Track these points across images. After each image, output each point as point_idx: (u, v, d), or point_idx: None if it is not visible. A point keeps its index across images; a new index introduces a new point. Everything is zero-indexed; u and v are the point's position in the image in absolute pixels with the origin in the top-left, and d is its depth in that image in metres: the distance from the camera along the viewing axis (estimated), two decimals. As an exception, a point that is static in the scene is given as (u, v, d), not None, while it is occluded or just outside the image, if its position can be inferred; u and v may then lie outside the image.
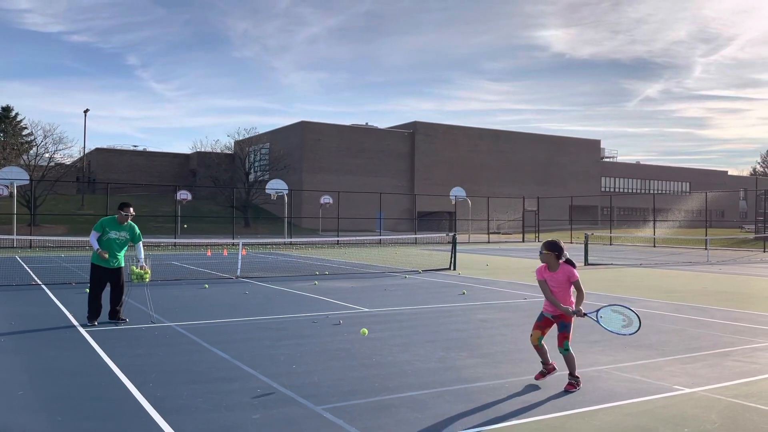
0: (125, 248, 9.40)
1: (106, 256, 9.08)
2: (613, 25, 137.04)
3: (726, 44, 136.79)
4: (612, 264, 22.50)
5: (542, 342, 6.04)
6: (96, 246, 9.12)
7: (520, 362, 6.92)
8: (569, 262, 5.99)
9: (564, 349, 5.90)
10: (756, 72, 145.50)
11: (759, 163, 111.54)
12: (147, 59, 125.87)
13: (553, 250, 5.95)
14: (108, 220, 9.29)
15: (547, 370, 6.10)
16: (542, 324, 6.09)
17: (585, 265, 21.55)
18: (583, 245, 23.35)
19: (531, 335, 6.10)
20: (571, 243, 39.70)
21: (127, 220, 9.32)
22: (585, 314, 5.98)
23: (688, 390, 5.84)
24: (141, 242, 9.56)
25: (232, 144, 61.43)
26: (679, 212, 54.05)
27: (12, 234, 30.83)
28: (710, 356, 7.31)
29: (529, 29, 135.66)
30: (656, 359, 7.12)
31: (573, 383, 5.83)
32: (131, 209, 9.37)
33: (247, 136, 58.84)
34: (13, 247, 29.65)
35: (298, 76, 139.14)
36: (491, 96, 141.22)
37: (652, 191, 77.51)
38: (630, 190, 79.60)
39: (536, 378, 6.10)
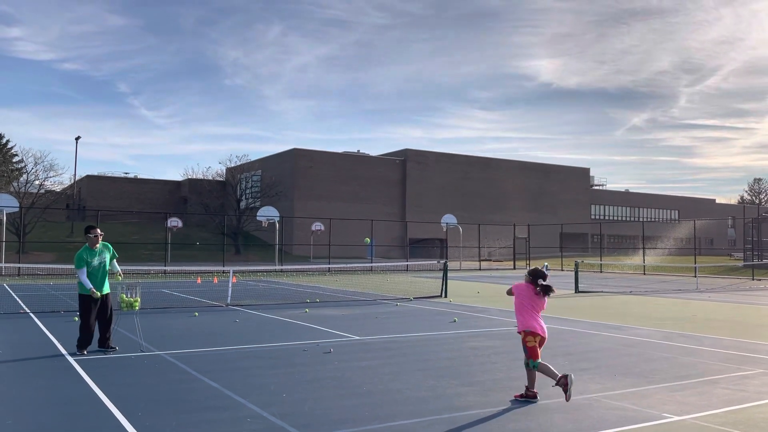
0: (107, 272, 9.36)
1: (98, 295, 9.05)
2: (598, 56, 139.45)
3: (710, 75, 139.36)
4: (602, 291, 22.58)
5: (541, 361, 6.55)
6: (89, 285, 9.03)
7: (510, 390, 6.93)
8: (545, 288, 6.61)
9: (532, 366, 6.51)
10: (740, 102, 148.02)
11: (746, 191, 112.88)
12: (138, 87, 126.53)
13: (528, 274, 6.78)
14: (84, 251, 9.17)
15: (560, 383, 6.18)
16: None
17: (575, 292, 21.62)
18: (573, 273, 23.43)
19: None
20: (562, 270, 39.81)
21: (98, 242, 9.28)
22: None
23: (677, 418, 5.87)
24: (115, 259, 9.60)
25: (224, 171, 61.54)
26: (668, 240, 54.43)
27: (0, 262, 30.57)
28: (699, 384, 7.35)
29: (517, 59, 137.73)
30: (645, 387, 7.15)
31: (524, 395, 6.49)
32: (98, 229, 9.35)
33: (238, 163, 59.00)
34: (1, 275, 29.39)
35: (288, 103, 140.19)
36: (480, 124, 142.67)
37: (641, 219, 78.09)
38: (619, 218, 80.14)
39: (565, 396, 6.18)
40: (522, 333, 6.61)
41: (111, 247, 9.51)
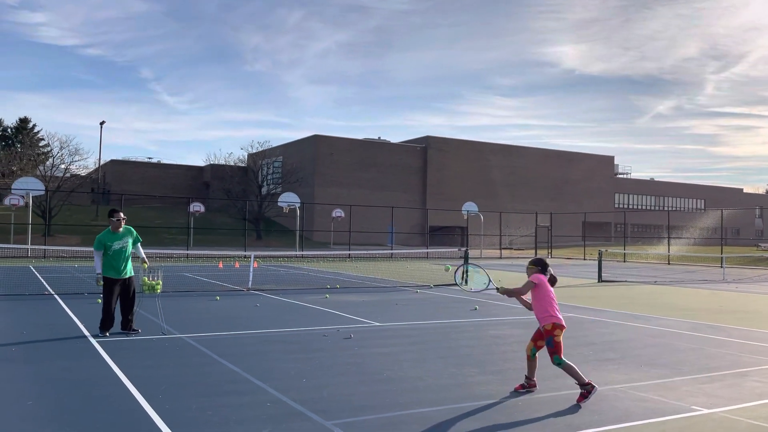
0: (129, 256, 9.37)
1: (101, 284, 9.06)
2: (623, 42, 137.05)
3: (737, 62, 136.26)
4: (626, 281, 22.26)
5: (536, 355, 6.27)
6: (99, 270, 9.05)
7: (533, 380, 6.81)
8: (553, 278, 6.40)
9: (556, 363, 6.06)
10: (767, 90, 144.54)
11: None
12: (160, 72, 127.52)
13: (536, 265, 6.41)
14: (104, 235, 9.18)
15: (528, 384, 6.30)
16: (536, 336, 6.30)
17: (599, 282, 21.34)
18: (596, 262, 23.13)
19: (526, 345, 6.39)
20: (585, 260, 39.41)
21: (121, 225, 9.25)
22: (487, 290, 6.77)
23: (706, 411, 5.70)
24: (140, 243, 9.59)
25: (246, 157, 61.83)
26: (694, 230, 53.52)
27: (26, 244, 31.08)
28: (728, 376, 7.16)
29: (539, 45, 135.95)
30: (673, 378, 6.98)
31: (583, 393, 5.93)
32: (121, 213, 9.33)
33: (260, 149, 59.21)
34: (27, 257, 29.89)
35: (309, 90, 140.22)
36: (502, 111, 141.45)
37: (666, 208, 76.92)
38: (644, 207, 79.01)
39: (516, 389, 6.29)
40: (551, 326, 6.05)
41: (134, 231, 9.48)
